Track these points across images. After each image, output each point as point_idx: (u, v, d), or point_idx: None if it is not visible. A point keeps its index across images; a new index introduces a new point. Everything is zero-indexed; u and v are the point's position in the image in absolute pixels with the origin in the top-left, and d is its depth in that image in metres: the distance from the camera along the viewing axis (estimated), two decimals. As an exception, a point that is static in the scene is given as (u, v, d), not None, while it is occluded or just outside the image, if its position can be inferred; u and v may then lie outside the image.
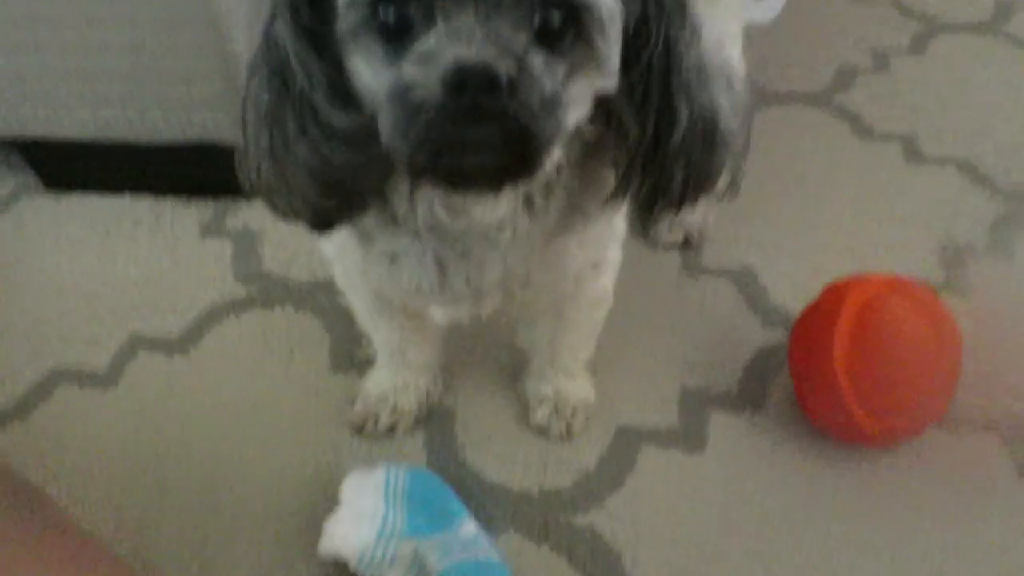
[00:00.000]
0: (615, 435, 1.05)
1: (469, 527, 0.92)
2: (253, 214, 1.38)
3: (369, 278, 0.83)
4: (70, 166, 1.43)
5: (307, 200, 0.62)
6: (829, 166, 1.43)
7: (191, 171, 1.40)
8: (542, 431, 1.04)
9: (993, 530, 0.93)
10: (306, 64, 0.58)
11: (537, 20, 0.52)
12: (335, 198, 0.63)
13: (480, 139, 0.51)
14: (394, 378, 1.05)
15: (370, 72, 0.55)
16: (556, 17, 0.53)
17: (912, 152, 1.45)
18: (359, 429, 1.05)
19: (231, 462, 1.04)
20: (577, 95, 0.56)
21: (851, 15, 1.82)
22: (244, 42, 0.61)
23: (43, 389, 1.13)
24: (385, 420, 1.04)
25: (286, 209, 0.65)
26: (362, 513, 0.91)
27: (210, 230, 1.37)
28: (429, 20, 0.52)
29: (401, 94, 0.51)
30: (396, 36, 0.53)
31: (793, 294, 1.20)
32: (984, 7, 1.82)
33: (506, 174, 0.55)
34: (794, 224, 1.32)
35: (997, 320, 1.14)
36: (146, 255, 1.33)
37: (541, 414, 1.03)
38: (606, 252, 0.82)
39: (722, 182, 0.65)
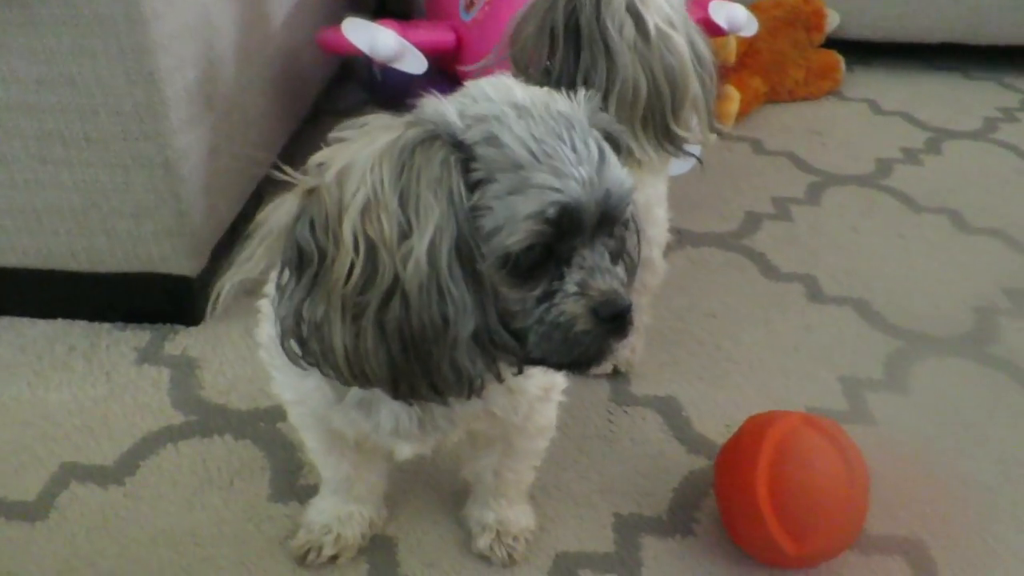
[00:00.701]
0: (554, 561, 1.08)
1: (414, 659, 0.93)
2: (192, 341, 1.40)
3: (330, 420, 0.87)
4: (2, 290, 1.43)
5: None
6: (741, 303, 1.56)
7: (129, 298, 1.42)
8: (484, 558, 1.07)
9: (906, 648, 1.00)
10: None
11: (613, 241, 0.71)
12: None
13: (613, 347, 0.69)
14: (338, 508, 1.06)
15: (507, 299, 0.67)
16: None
17: (814, 292, 1.60)
18: (301, 559, 1.05)
19: (167, 596, 1.02)
20: None
21: (754, 167, 2.03)
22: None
23: (-34, 522, 1.09)
24: (328, 550, 1.05)
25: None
26: (307, 647, 0.91)
27: (147, 356, 1.38)
28: (568, 259, 0.67)
29: (566, 323, 0.67)
30: (528, 270, 0.67)
31: (714, 424, 1.29)
32: (867, 162, 2.06)
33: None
34: (712, 356, 1.43)
35: (896, 450, 1.25)
36: (80, 381, 1.32)
37: (484, 542, 1.06)
38: (555, 379, 0.89)
39: None
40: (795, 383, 1.38)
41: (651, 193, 1.15)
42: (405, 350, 0.64)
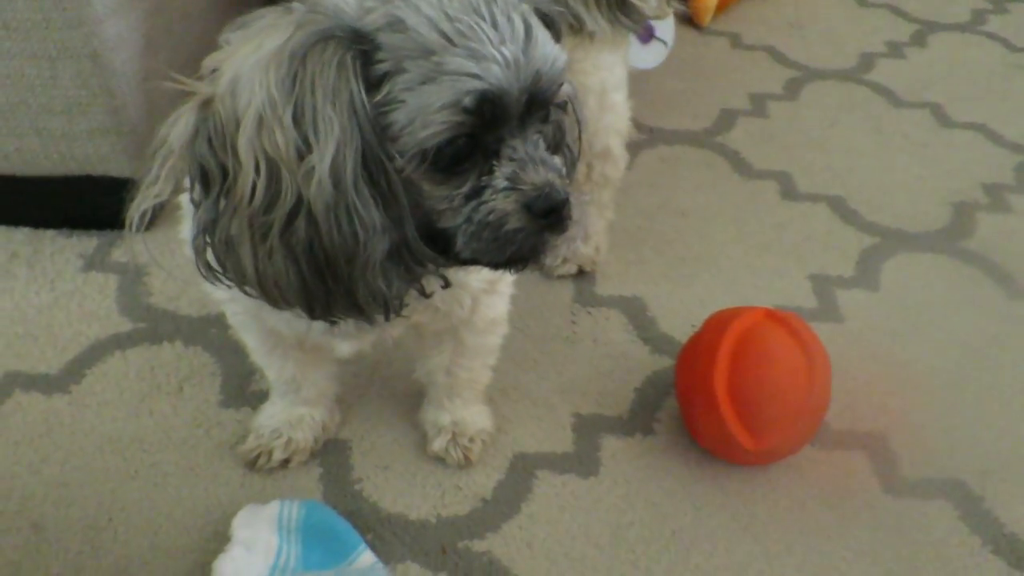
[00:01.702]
0: (512, 461, 1.06)
1: (366, 558, 0.91)
2: (140, 247, 1.35)
3: (265, 320, 0.82)
4: (-61, 196, 1.36)
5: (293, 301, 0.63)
6: (712, 201, 1.51)
7: (72, 203, 1.35)
8: (440, 459, 1.05)
9: (861, 540, 0.99)
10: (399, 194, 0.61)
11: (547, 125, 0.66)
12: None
13: (551, 243, 0.65)
14: (288, 412, 1.03)
15: (433, 196, 0.62)
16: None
17: (788, 189, 1.55)
18: (252, 464, 1.03)
19: (115, 502, 0.99)
20: None
21: (731, 62, 1.95)
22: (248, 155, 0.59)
23: (-95, 432, 1.06)
24: (278, 454, 1.02)
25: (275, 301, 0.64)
26: (254, 548, 0.90)
27: (93, 263, 1.32)
28: (495, 152, 0.62)
29: (497, 219, 0.62)
30: (453, 165, 0.61)
31: (679, 323, 1.25)
32: (849, 56, 1.98)
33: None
34: (680, 255, 1.39)
35: (863, 347, 1.23)
36: (23, 289, 1.27)
37: (439, 443, 1.04)
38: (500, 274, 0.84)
39: None
40: (764, 281, 1.35)
41: (607, 77, 1.08)
42: (317, 272, 0.59)
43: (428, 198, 0.62)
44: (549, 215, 0.61)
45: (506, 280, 0.88)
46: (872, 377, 1.18)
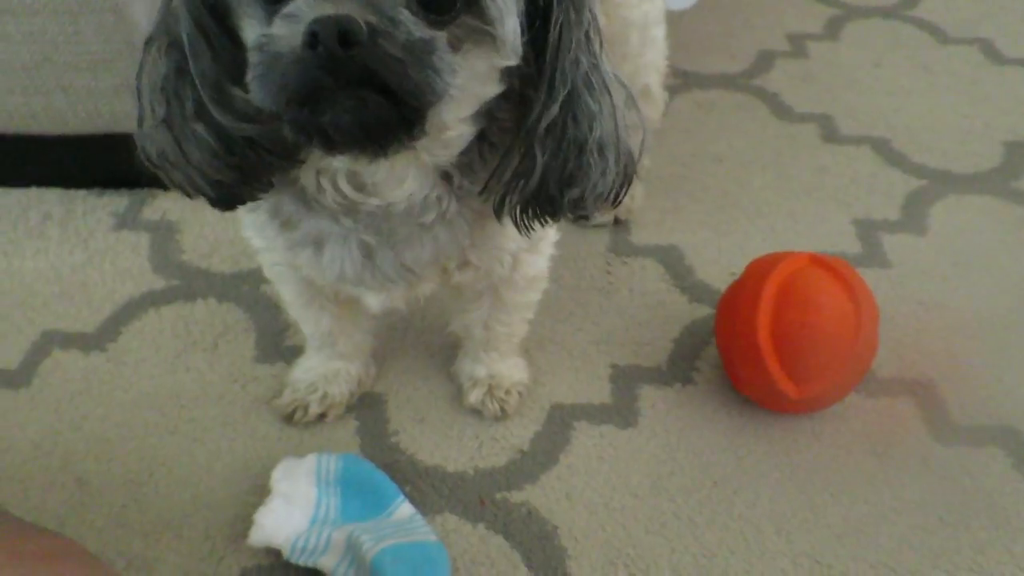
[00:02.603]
0: (549, 413, 1.05)
1: (404, 510, 0.91)
2: (171, 205, 1.34)
3: (298, 266, 0.81)
4: (-30, 159, 1.37)
5: (207, 175, 0.62)
6: (750, 146, 1.46)
7: (103, 162, 1.35)
8: (476, 412, 1.04)
9: (909, 488, 0.96)
10: (205, 36, 0.57)
11: None
12: (236, 172, 0.62)
13: (340, 89, 0.51)
14: (324, 366, 1.03)
15: (251, 35, 0.55)
16: None
17: (829, 132, 1.49)
18: (288, 418, 1.03)
19: (155, 456, 1.00)
20: (471, 66, 0.56)
21: (769, 1, 1.87)
22: (144, 13, 0.61)
23: (-52, 391, 1.07)
24: (315, 408, 1.02)
25: (185, 184, 0.64)
26: (294, 500, 0.90)
27: (125, 222, 1.32)
28: None
29: (264, 47, 0.51)
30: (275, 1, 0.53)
31: (718, 271, 1.22)
32: (892, -7, 1.89)
33: (381, 129, 0.54)
34: (718, 203, 1.35)
35: (910, 292, 1.19)
36: (57, 249, 1.27)
37: (475, 396, 1.03)
38: (546, 230, 0.81)
39: (585, 198, 0.65)
40: (806, 227, 1.31)
41: (649, 9, 1.03)
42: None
43: (252, 36, 0.56)
44: (316, 45, 0.49)
45: (548, 240, 0.85)
46: (920, 323, 1.14)
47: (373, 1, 0.51)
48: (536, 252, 0.84)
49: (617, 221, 1.30)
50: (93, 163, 1.35)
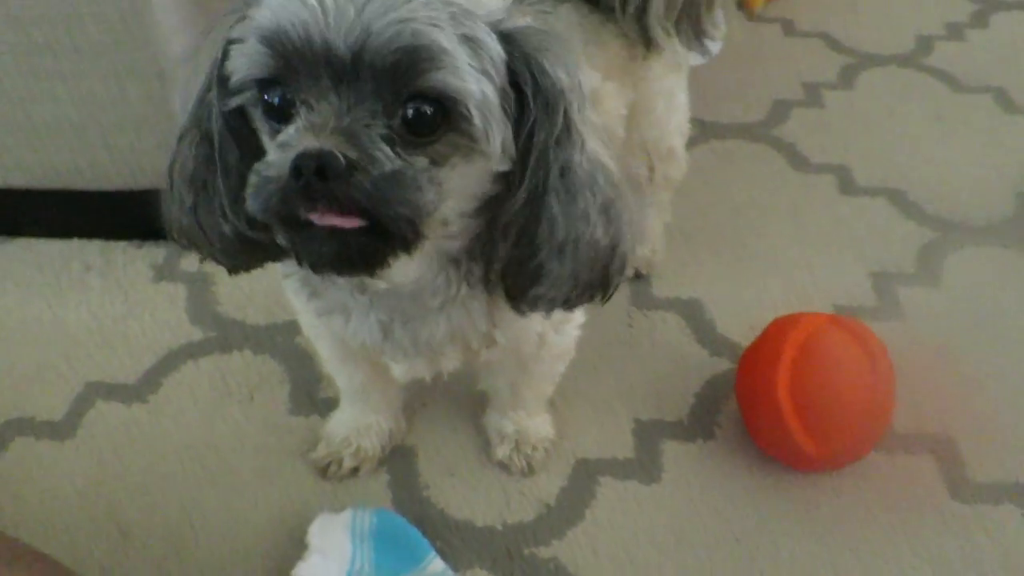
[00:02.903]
0: (574, 467, 1.08)
1: (436, 564, 0.94)
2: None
3: (331, 326, 0.85)
4: (17, 211, 1.42)
5: (226, 255, 0.69)
6: (768, 196, 1.50)
7: (142, 215, 1.39)
8: (504, 467, 1.07)
9: (929, 546, 0.99)
10: (233, 135, 0.63)
11: (409, 111, 0.56)
12: (251, 256, 0.69)
13: (319, 217, 0.56)
14: (357, 420, 1.06)
15: (266, 146, 0.61)
16: (425, 108, 0.57)
17: (845, 183, 1.53)
18: (323, 471, 1.06)
19: (195, 507, 1.04)
20: (461, 175, 0.60)
21: (783, 49, 1.91)
22: (180, 103, 0.66)
23: (-2, 442, 1.12)
24: (348, 462, 1.06)
25: (206, 255, 0.71)
26: (330, 554, 0.93)
27: (163, 273, 1.37)
28: (299, 106, 0.57)
29: (260, 172, 0.57)
30: (280, 115, 0.59)
31: (738, 324, 1.25)
32: (906, 40, 1.93)
33: (365, 257, 0.58)
34: (736, 254, 1.38)
35: (926, 346, 1.21)
36: (98, 300, 1.32)
37: (503, 451, 1.06)
38: (572, 312, 0.85)
39: (559, 290, 0.67)
40: (823, 279, 1.34)
41: (675, 79, 1.08)
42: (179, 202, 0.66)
43: (267, 148, 0.61)
44: (299, 176, 0.53)
45: (575, 321, 0.88)
46: (937, 377, 1.16)
47: (354, 132, 0.55)
48: (562, 332, 0.87)
49: (638, 274, 1.34)
50: (132, 216, 1.40)
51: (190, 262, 1.38)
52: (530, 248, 0.64)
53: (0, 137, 1.26)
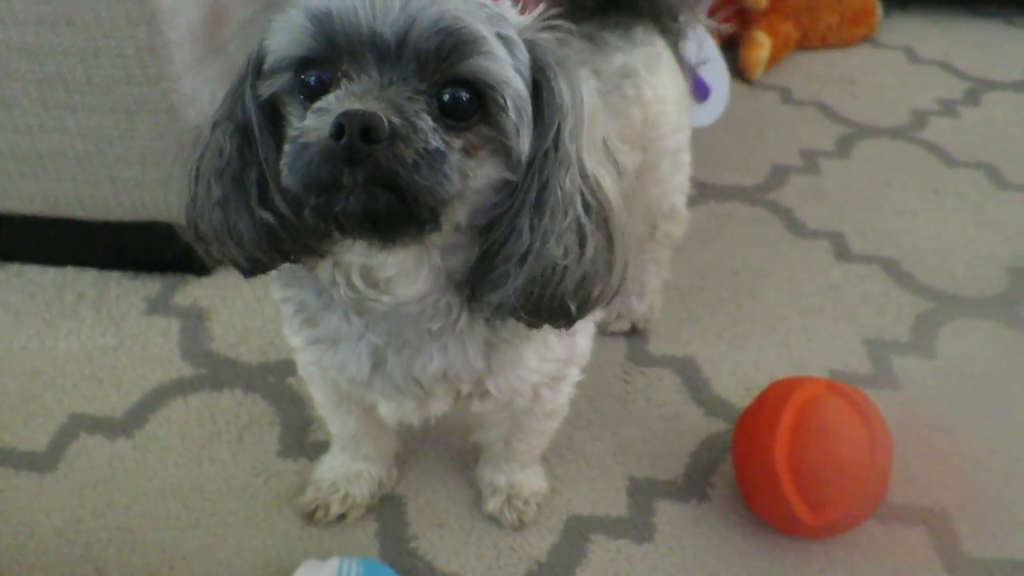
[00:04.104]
0: (566, 524, 1.06)
1: (422, 620, 0.92)
2: (202, 292, 1.38)
3: (325, 368, 0.84)
4: (12, 237, 1.41)
5: (248, 253, 0.67)
6: (764, 260, 1.51)
7: (138, 247, 1.39)
8: (495, 520, 1.05)
9: (924, 620, 0.98)
10: (263, 129, 0.63)
11: (445, 96, 0.58)
12: (273, 253, 0.67)
13: (355, 180, 0.55)
14: (347, 466, 1.05)
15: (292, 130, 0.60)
16: (461, 94, 0.58)
17: (840, 249, 1.54)
18: (310, 517, 1.04)
19: (176, 550, 1.01)
20: (486, 173, 0.61)
21: (781, 117, 1.95)
22: (209, 98, 0.67)
23: (-24, 472, 1.09)
24: (336, 509, 1.04)
25: (222, 257, 0.68)
26: (314, 606, 0.90)
27: (157, 306, 1.36)
28: (339, 84, 0.57)
29: (296, 138, 0.57)
30: (316, 97, 0.58)
31: (734, 386, 1.25)
32: (901, 114, 1.98)
33: (388, 220, 0.58)
34: (733, 316, 1.39)
35: (921, 416, 1.21)
36: (89, 331, 1.30)
37: (494, 504, 1.04)
38: (567, 369, 0.85)
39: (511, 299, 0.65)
40: (818, 344, 1.34)
41: (682, 138, 1.10)
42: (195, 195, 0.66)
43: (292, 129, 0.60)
44: (341, 136, 0.53)
45: (570, 379, 0.87)
46: (931, 449, 1.16)
47: (397, 103, 0.56)
48: (556, 389, 0.86)
49: (635, 330, 1.34)
50: (128, 246, 1.40)
51: (184, 296, 1.37)
52: (496, 255, 0.64)
53: (2, 163, 1.26)
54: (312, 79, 0.59)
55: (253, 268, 0.69)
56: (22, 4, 1.09)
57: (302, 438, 1.15)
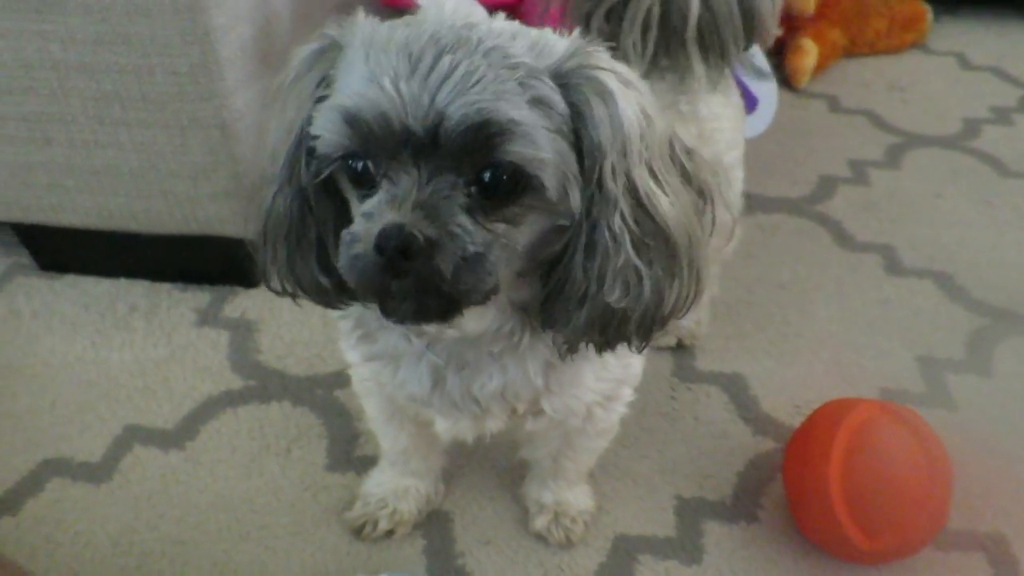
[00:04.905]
0: (614, 543, 1.05)
1: (470, 640, 0.92)
2: (251, 304, 1.40)
3: (381, 384, 0.84)
4: (67, 249, 1.44)
5: (316, 299, 0.71)
6: (813, 274, 1.49)
7: (189, 259, 1.42)
8: (541, 538, 1.05)
9: (983, 651, 0.95)
10: (321, 196, 0.66)
11: (486, 177, 0.58)
12: (343, 297, 0.70)
13: (401, 289, 0.59)
14: (395, 482, 1.05)
15: (352, 206, 0.64)
16: (501, 175, 0.58)
17: (892, 263, 1.51)
18: (357, 532, 1.05)
19: (227, 563, 1.02)
20: (531, 232, 0.62)
21: (828, 126, 1.92)
22: (264, 144, 0.69)
23: (34, 481, 1.11)
24: (384, 524, 1.04)
25: (299, 298, 0.72)
26: (363, 623, 0.91)
27: (206, 318, 1.38)
28: (381, 177, 0.59)
29: (349, 243, 0.59)
30: (365, 183, 0.61)
31: (783, 404, 1.23)
32: (953, 122, 1.93)
33: (437, 314, 0.61)
34: (781, 331, 1.37)
35: (977, 438, 1.18)
36: (141, 342, 1.33)
37: (541, 522, 1.04)
38: (621, 389, 0.84)
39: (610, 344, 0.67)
40: (869, 362, 1.32)
41: (737, 155, 1.09)
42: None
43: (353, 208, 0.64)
44: (383, 252, 0.56)
45: (623, 399, 0.86)
46: (990, 473, 1.13)
47: (434, 206, 0.57)
48: (609, 409, 0.86)
49: (681, 345, 1.32)
50: (178, 259, 1.42)
51: (233, 308, 1.39)
52: (557, 296, 0.65)
53: (59, 178, 1.29)
54: (359, 166, 0.61)
55: (328, 306, 0.72)
56: (80, 24, 1.12)
57: (350, 452, 1.16)
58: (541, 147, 0.57)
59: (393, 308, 0.61)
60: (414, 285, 0.58)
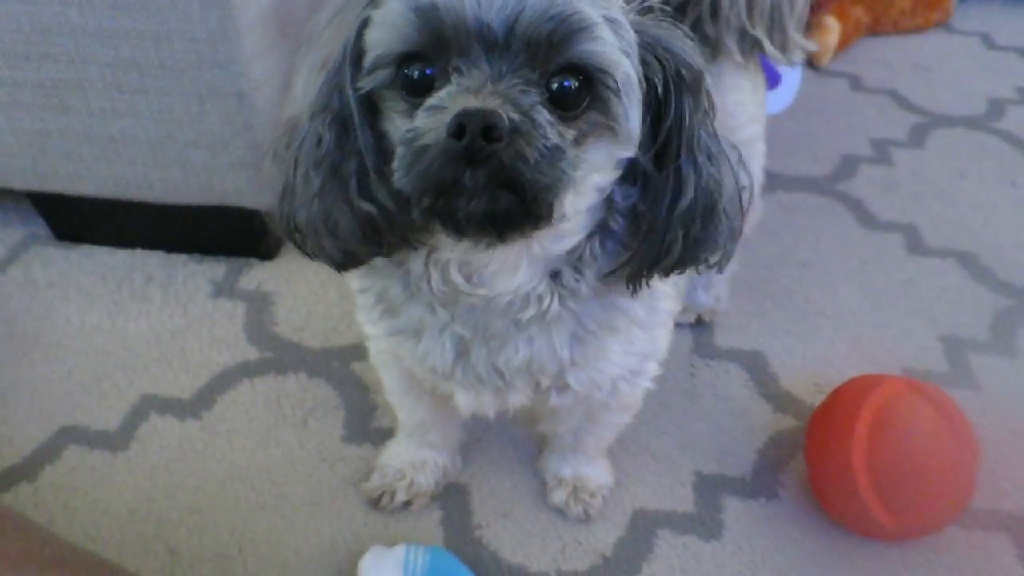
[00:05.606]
0: (632, 518, 1.05)
1: (488, 611, 0.91)
2: (267, 276, 1.39)
3: (400, 356, 0.83)
4: (83, 218, 1.44)
5: (344, 245, 0.65)
6: (834, 253, 1.47)
7: (205, 230, 1.41)
8: (560, 512, 1.04)
9: (1006, 630, 0.94)
10: (363, 122, 0.61)
11: (554, 85, 0.56)
12: (369, 246, 0.65)
13: (477, 182, 0.53)
14: (412, 454, 1.05)
15: (394, 126, 0.59)
16: (571, 82, 0.56)
17: (914, 243, 1.49)
18: (375, 503, 1.04)
19: (244, 532, 1.02)
20: (594, 157, 0.60)
21: (851, 104, 1.89)
22: (300, 85, 0.65)
23: (52, 449, 1.11)
24: (401, 496, 1.04)
25: (315, 250, 0.67)
26: (381, 593, 0.91)
27: (222, 290, 1.37)
28: (447, 78, 0.56)
29: (411, 139, 0.55)
30: (419, 92, 0.57)
31: (803, 382, 1.22)
32: (977, 102, 1.90)
33: (508, 221, 0.56)
34: (802, 309, 1.35)
35: (1002, 418, 1.17)
36: (158, 312, 1.32)
37: (559, 496, 1.04)
38: (647, 364, 0.83)
39: (713, 258, 0.68)
40: (891, 341, 1.30)
41: (757, 128, 1.07)
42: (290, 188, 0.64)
43: (395, 127, 0.60)
44: (462, 136, 0.52)
45: (647, 374, 0.84)
46: (1014, 453, 1.12)
47: (513, 97, 0.54)
48: (634, 384, 0.84)
49: (700, 321, 1.31)
50: (195, 230, 1.42)
51: (249, 280, 1.38)
52: (702, 221, 0.64)
53: (75, 147, 1.28)
54: (416, 74, 0.57)
55: (346, 262, 0.67)
56: (98, -11, 1.11)
57: (366, 424, 1.15)
58: (616, 51, 0.57)
59: (460, 208, 0.55)
60: (493, 175, 0.53)
